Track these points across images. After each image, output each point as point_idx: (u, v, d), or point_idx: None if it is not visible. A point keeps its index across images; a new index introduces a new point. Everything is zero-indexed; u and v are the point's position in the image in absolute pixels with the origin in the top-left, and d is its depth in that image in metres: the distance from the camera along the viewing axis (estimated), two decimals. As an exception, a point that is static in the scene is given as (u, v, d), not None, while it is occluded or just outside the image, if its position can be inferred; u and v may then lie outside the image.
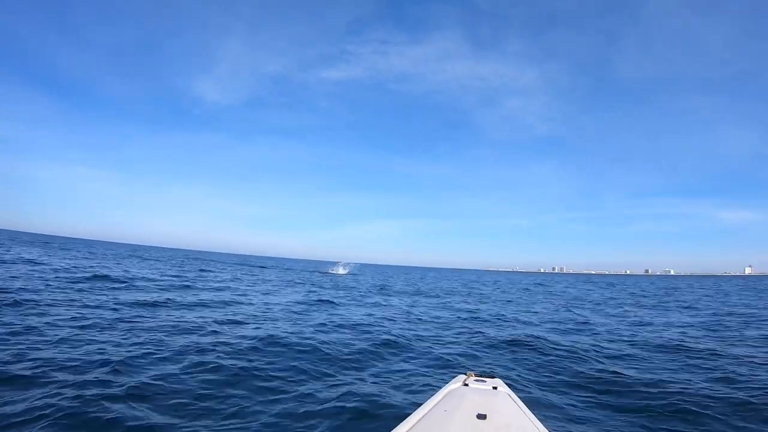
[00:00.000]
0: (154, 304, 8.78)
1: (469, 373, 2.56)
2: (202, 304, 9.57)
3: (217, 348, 5.37)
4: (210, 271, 24.29)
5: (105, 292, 9.96)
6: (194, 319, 7.43)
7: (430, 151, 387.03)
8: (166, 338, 5.76)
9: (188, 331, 6.39)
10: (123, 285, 11.81)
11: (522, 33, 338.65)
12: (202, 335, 6.16)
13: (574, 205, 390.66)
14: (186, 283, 14.29)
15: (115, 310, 7.70)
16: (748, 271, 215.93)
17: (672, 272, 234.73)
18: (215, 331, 6.48)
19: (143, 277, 14.75)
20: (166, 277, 15.95)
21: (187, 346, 5.36)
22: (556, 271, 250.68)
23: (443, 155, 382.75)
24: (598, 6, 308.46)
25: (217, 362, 4.67)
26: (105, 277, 12.82)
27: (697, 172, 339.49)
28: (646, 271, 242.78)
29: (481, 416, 1.89)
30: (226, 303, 10.22)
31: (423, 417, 1.89)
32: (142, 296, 9.80)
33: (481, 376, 2.57)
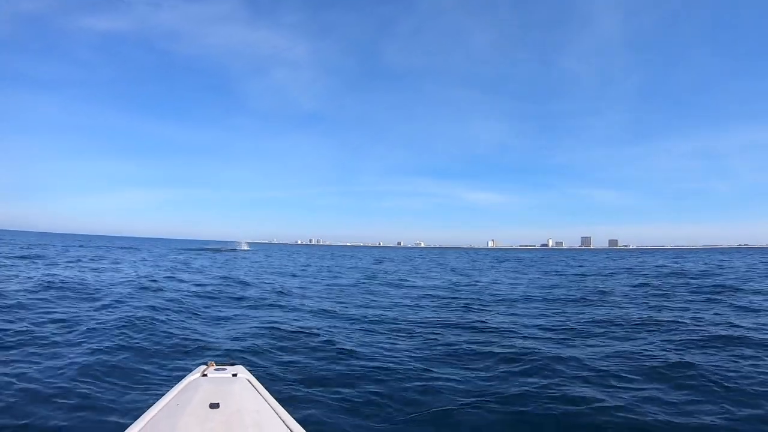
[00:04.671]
0: None
1: (210, 363, 2.52)
2: None
3: None
4: None
5: None
6: None
7: (191, 117, 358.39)
8: None
9: None
10: None
11: (300, 5, 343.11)
12: None
13: (333, 179, 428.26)
14: None
15: None
16: (491, 244, 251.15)
17: (422, 244, 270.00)
18: None
19: None
20: None
21: None
22: (313, 243, 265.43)
23: (203, 121, 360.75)
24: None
25: None
26: None
27: (448, 156, 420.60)
28: (398, 243, 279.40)
29: (214, 405, 1.87)
30: None
31: (155, 414, 1.84)
32: None
33: (222, 364, 2.53)
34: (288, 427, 1.76)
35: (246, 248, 55.13)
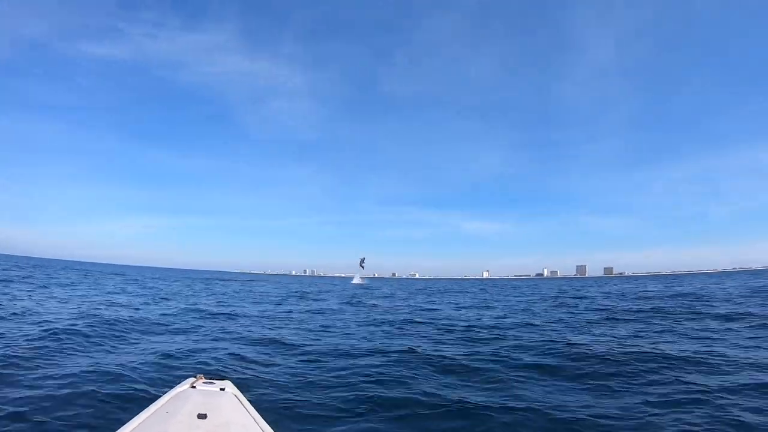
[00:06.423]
0: None
1: (198, 375, 2.59)
2: None
3: None
4: None
5: None
6: None
7: (190, 144, 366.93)
8: None
9: None
10: None
11: (298, 36, 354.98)
12: None
13: (329, 209, 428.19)
14: None
15: None
16: (485, 275, 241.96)
17: (417, 275, 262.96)
18: None
19: None
20: None
21: None
22: (308, 274, 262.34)
23: (203, 149, 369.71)
24: (374, 23, 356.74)
25: None
26: None
27: (445, 185, 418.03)
28: (393, 274, 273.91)
29: (202, 416, 1.95)
30: None
31: (144, 420, 1.91)
32: None
33: (210, 378, 2.61)
34: None
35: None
